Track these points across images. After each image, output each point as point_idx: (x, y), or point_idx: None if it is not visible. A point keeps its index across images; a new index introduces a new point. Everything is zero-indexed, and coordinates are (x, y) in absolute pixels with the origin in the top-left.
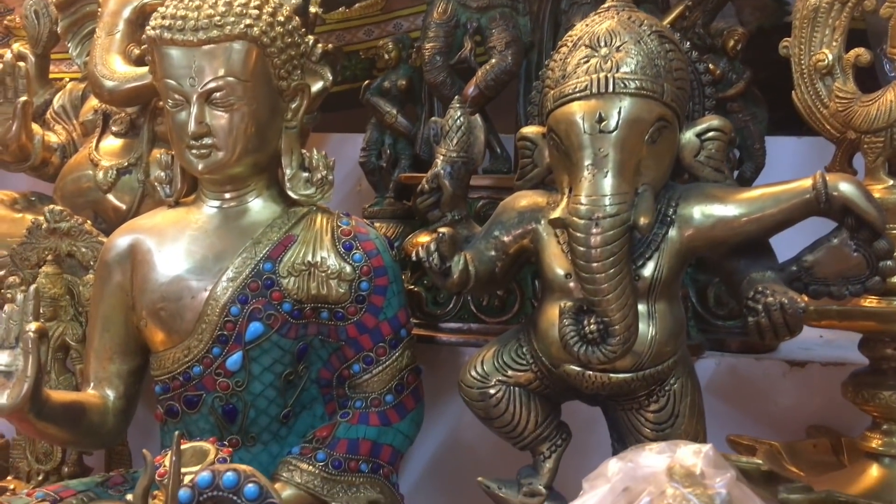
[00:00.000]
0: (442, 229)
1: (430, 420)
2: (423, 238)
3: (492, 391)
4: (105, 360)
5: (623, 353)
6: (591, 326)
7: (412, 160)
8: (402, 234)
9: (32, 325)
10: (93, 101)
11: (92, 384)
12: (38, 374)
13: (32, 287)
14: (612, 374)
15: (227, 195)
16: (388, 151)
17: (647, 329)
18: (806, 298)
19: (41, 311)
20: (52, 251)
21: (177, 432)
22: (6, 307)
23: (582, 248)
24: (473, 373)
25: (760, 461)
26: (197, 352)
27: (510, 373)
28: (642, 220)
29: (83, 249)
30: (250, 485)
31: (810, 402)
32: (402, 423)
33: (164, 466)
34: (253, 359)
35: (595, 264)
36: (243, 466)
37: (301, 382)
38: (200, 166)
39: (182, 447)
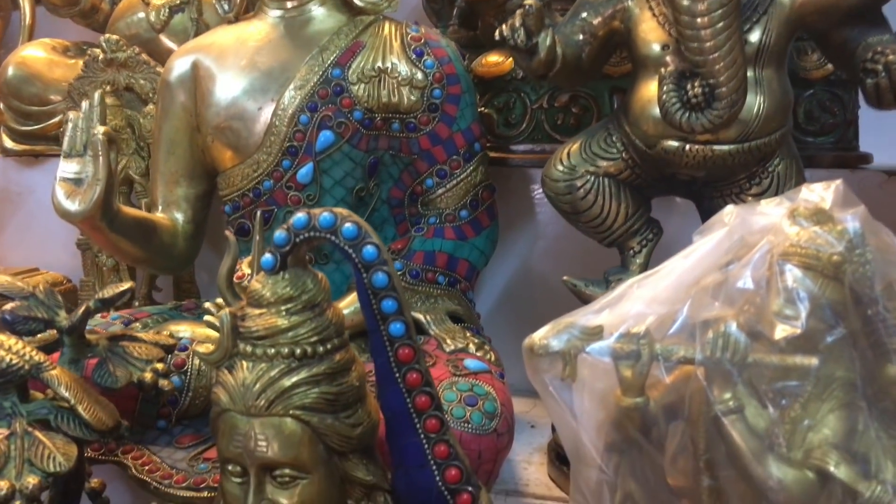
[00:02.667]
0: (528, 1)
1: (502, 250)
2: (493, 58)
3: (579, 183)
4: (172, 183)
5: (729, 118)
6: (696, 90)
7: None
8: (468, 63)
9: (100, 129)
10: None
11: (160, 208)
12: (110, 178)
13: (97, 92)
14: (715, 147)
15: (289, 4)
16: None
17: (754, 97)
18: None
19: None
20: (111, 84)
21: (258, 212)
22: (71, 115)
23: (686, 3)
24: (560, 166)
25: None
26: (266, 165)
27: (599, 163)
28: None
29: (141, 81)
30: (348, 224)
31: None
32: (478, 239)
33: (241, 270)
34: (324, 171)
35: (701, 19)
36: (339, 209)
37: (372, 201)
38: None
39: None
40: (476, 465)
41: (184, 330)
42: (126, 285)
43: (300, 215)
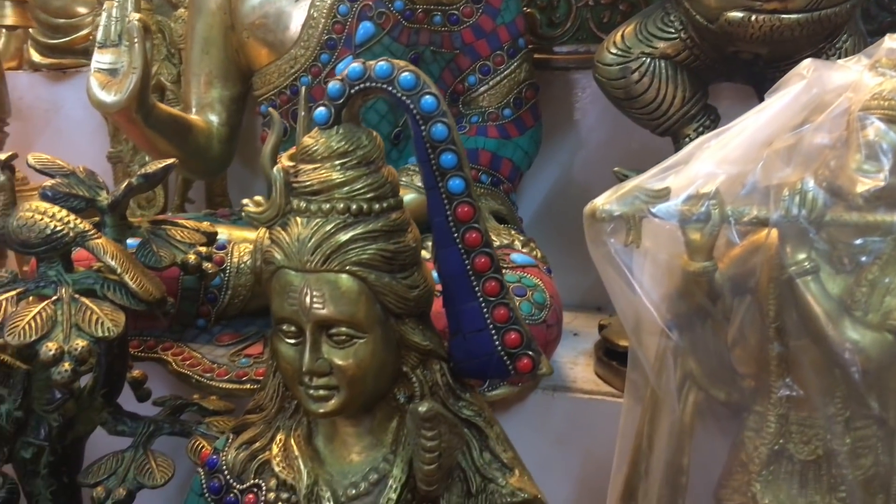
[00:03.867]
0: None
1: (543, 159)
2: None
3: (633, 66)
4: (206, 84)
5: None
6: None
7: None
8: None
9: (135, 16)
10: None
11: (195, 110)
12: (146, 67)
13: None
14: (782, 16)
15: None
16: None
17: None
18: None
19: None
20: None
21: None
22: (105, 5)
23: None
24: (613, 49)
25: None
26: (304, 61)
27: (656, 43)
28: None
29: None
30: (406, 73)
31: None
32: (522, 139)
33: (281, 163)
34: None
35: None
36: (396, 59)
37: None
38: None
39: None
40: None
41: (221, 232)
42: (169, 161)
43: (355, 65)
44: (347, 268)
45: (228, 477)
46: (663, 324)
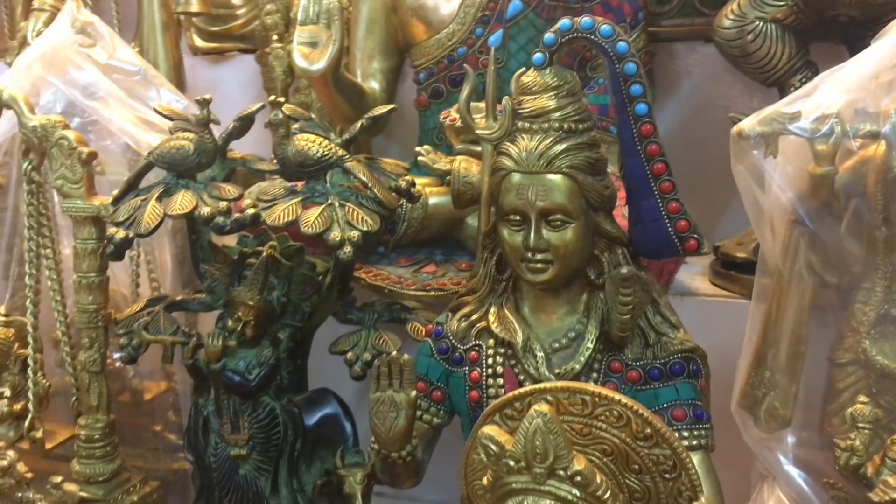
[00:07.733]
0: None
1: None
2: None
3: (748, 28)
4: (368, 58)
5: None
6: None
7: None
8: None
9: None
10: None
11: (359, 80)
12: (342, 41)
13: None
14: None
15: None
16: None
17: None
18: None
19: None
20: None
21: (492, 48)
22: None
23: None
24: (730, 16)
25: None
26: (461, 34)
27: (767, 9)
28: None
29: None
30: (604, 26)
31: None
32: None
33: (452, 116)
34: (511, 37)
35: None
36: (598, 17)
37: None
38: None
39: None
40: (661, 266)
41: None
42: (391, 105)
43: (564, 21)
44: (563, 170)
45: (453, 340)
46: (796, 215)
